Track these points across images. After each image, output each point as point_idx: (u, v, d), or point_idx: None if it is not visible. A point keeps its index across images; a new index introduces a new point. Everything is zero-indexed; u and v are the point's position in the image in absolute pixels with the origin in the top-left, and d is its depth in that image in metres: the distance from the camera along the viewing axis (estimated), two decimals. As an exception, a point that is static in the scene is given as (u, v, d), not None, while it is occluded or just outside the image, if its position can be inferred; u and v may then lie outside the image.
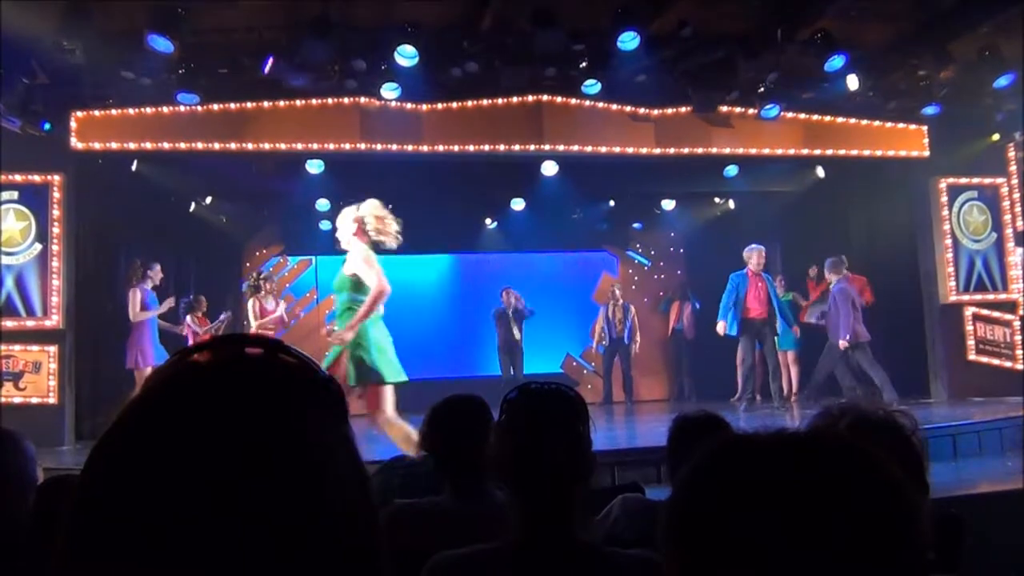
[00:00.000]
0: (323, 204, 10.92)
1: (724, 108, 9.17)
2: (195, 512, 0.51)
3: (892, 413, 1.57)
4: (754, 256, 9.20)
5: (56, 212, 8.25)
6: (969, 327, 9.99)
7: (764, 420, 9.08)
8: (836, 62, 8.08)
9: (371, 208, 5.37)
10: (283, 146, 8.68)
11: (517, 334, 11.16)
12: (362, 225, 5.32)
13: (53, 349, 8.11)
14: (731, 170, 10.15)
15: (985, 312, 10.03)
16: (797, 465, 0.63)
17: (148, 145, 8.46)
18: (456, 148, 9.00)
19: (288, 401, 0.59)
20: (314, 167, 9.34)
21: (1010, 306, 10.06)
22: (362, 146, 8.82)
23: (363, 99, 8.65)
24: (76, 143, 8.26)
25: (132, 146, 8.45)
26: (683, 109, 9.19)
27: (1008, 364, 9.92)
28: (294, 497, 0.54)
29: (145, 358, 8.41)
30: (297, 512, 0.54)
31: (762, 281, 9.19)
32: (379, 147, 8.88)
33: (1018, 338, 10.01)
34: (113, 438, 0.56)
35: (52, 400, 8.05)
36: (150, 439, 0.54)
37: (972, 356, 9.95)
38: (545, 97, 9.02)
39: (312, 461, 0.57)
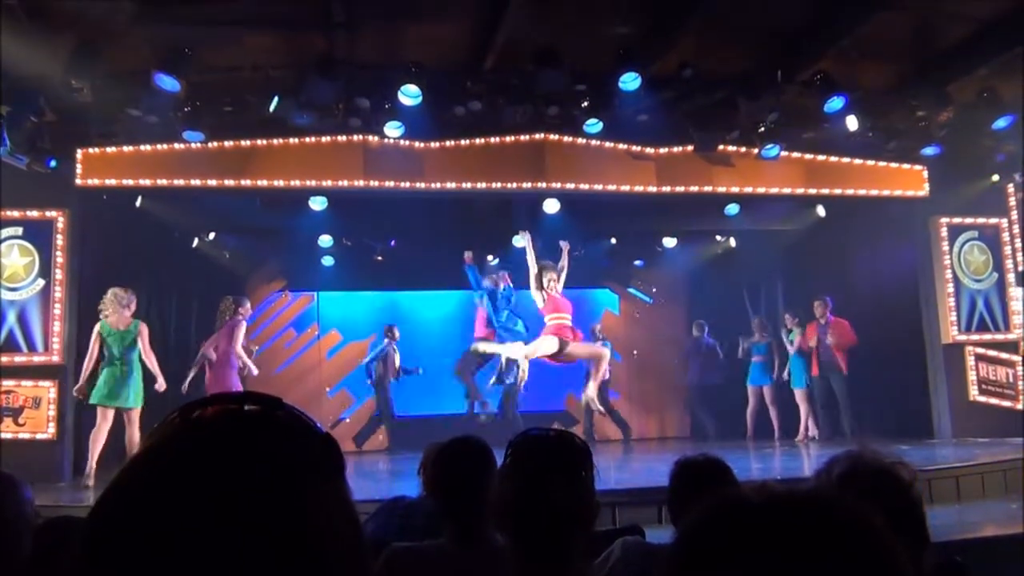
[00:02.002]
0: (326, 240, 10.99)
1: (725, 147, 9.23)
2: (198, 524, 0.56)
3: (893, 464, 1.57)
4: None
5: (60, 248, 8.29)
6: (971, 367, 9.95)
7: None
8: (836, 103, 8.15)
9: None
10: (287, 183, 8.75)
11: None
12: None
13: (53, 384, 8.10)
14: (732, 209, 10.18)
15: (987, 352, 10.00)
16: (791, 531, 0.64)
17: (152, 182, 8.53)
18: (459, 186, 9.06)
19: (281, 448, 0.62)
20: (317, 204, 9.40)
21: (1012, 346, 10.02)
22: (365, 183, 8.88)
23: (367, 137, 8.74)
24: (81, 180, 8.33)
25: (137, 183, 8.52)
26: (684, 148, 9.26)
27: (1011, 404, 9.86)
28: (282, 532, 0.58)
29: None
30: (285, 549, 0.57)
31: None
32: (382, 184, 8.93)
33: (1021, 378, 9.97)
34: (122, 478, 0.61)
35: (51, 436, 8.03)
36: (156, 475, 0.59)
37: (975, 396, 9.90)
38: (547, 136, 9.11)
39: (300, 504, 0.60)
